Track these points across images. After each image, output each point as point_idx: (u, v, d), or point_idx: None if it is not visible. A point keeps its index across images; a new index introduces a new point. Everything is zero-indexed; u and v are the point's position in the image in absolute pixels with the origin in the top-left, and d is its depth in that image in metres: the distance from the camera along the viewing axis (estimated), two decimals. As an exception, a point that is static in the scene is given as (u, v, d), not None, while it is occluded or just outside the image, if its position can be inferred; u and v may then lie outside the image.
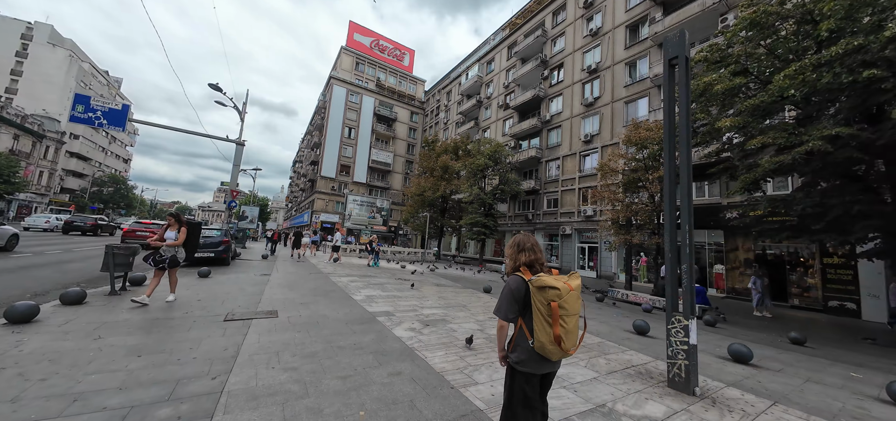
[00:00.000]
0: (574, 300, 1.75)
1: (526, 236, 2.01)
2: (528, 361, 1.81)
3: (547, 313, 1.71)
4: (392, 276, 12.70)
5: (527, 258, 1.92)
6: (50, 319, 4.44)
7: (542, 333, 1.72)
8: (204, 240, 11.71)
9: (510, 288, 1.84)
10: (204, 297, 6.47)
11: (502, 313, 1.85)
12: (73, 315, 4.72)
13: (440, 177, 28.13)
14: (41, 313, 4.55)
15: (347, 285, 9.22)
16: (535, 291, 1.76)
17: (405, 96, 54.88)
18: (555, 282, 1.74)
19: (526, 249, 1.95)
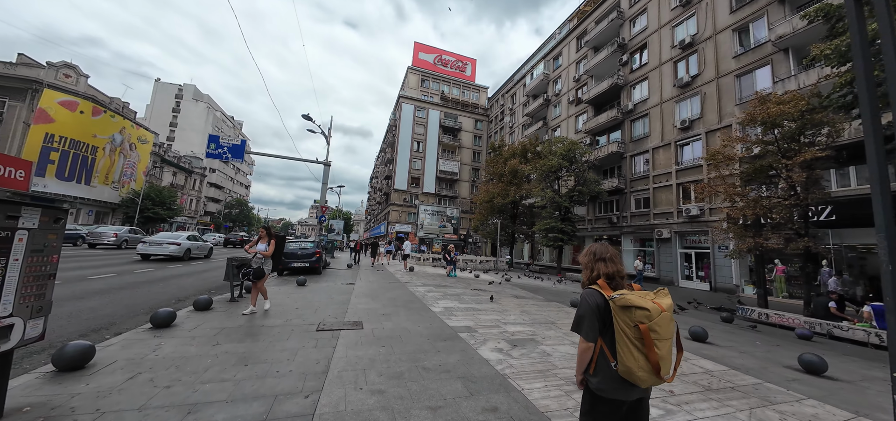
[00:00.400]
0: (667, 323, 1.53)
1: (604, 246, 1.82)
2: (612, 387, 1.61)
3: (635, 337, 1.51)
4: (467, 286, 12.32)
5: (607, 269, 1.72)
6: (184, 324, 5.12)
7: (630, 358, 1.52)
8: (301, 251, 13.07)
9: (589, 304, 1.64)
10: (301, 305, 6.95)
11: (584, 332, 1.64)
12: (201, 320, 5.39)
13: (509, 182, 27.12)
14: (177, 319, 5.29)
15: (425, 296, 9.11)
16: (619, 311, 1.55)
17: (468, 105, 55.29)
18: (642, 301, 1.52)
19: (605, 258, 1.75)
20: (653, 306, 1.51)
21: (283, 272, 12.79)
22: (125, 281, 9.01)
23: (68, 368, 3.21)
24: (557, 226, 22.44)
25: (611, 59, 26.41)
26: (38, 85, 32.73)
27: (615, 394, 1.61)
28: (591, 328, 1.62)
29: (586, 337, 1.63)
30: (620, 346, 1.54)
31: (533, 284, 15.69)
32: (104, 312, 5.91)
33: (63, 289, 7.28)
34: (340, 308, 6.84)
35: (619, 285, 1.70)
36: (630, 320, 1.52)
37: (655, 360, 1.49)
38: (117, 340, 4.24)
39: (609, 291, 1.63)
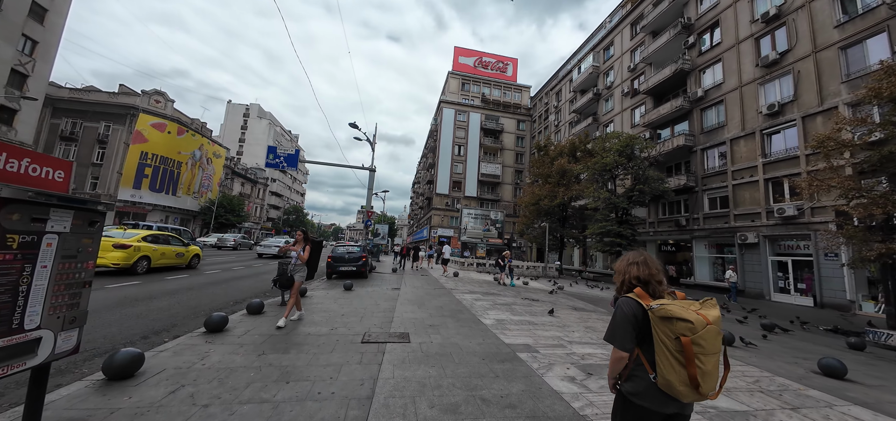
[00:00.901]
0: (713, 337, 1.42)
1: (639, 252, 1.74)
2: (647, 396, 1.52)
3: (675, 350, 1.41)
4: (517, 294, 11.43)
5: (639, 272, 1.65)
6: (235, 329, 5.06)
7: (671, 372, 1.43)
8: (348, 255, 13.24)
9: (624, 312, 1.56)
10: (347, 311, 6.73)
11: (618, 343, 1.56)
12: (252, 325, 5.33)
13: (557, 182, 25.47)
14: (230, 323, 5.27)
15: (473, 305, 8.48)
16: (658, 322, 1.45)
17: (510, 106, 53.84)
18: (684, 312, 1.41)
19: (638, 263, 1.68)
20: (697, 318, 1.41)
21: (332, 276, 13.03)
22: (229, 275, 9.67)
23: (117, 377, 3.13)
24: (614, 229, 20.41)
25: (673, 42, 23.66)
26: (135, 110, 38.32)
27: (650, 403, 1.54)
28: (626, 338, 1.55)
29: (621, 348, 1.56)
30: (660, 358, 1.46)
31: (589, 294, 14.25)
32: (193, 304, 6.19)
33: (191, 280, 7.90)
34: (386, 316, 6.49)
35: (658, 293, 1.62)
36: (671, 332, 1.43)
37: (693, 374, 1.40)
38: (171, 345, 4.23)
39: (648, 300, 1.55)
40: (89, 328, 4.96)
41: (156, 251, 11.08)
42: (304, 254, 5.68)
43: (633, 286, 1.64)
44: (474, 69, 54.21)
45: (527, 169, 49.38)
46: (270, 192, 74.62)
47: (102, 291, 7.38)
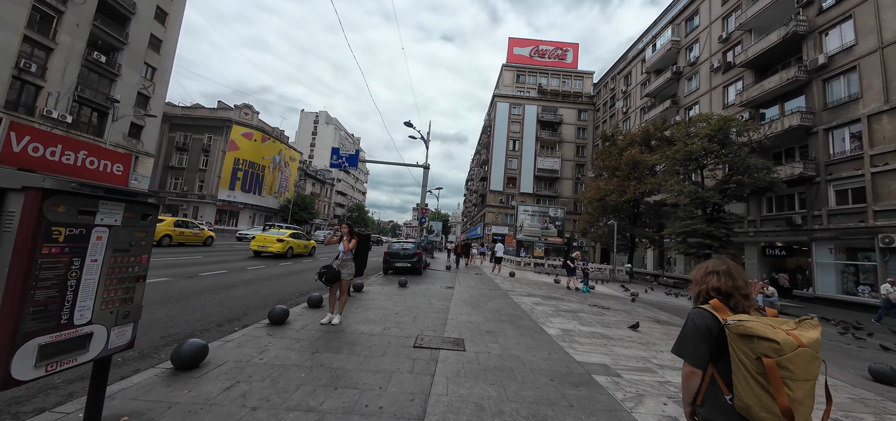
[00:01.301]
0: (806, 361, 1.21)
1: (721, 260, 1.58)
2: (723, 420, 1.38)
3: (756, 371, 1.26)
4: (582, 300, 10.27)
5: (718, 283, 1.48)
6: (295, 323, 5.15)
7: (749, 395, 1.27)
8: (403, 251, 13.36)
9: (696, 324, 1.44)
10: (400, 310, 6.56)
11: (690, 357, 1.44)
12: (310, 319, 5.40)
13: (626, 175, 22.78)
14: (291, 316, 5.40)
15: (532, 309, 7.72)
16: (737, 339, 1.30)
17: (570, 95, 50.21)
18: (769, 331, 1.24)
19: (719, 271, 1.51)
20: (785, 339, 1.21)
21: (388, 271, 13.26)
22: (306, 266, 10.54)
23: (184, 368, 3.22)
24: (701, 228, 17.46)
25: (782, 1, 19.37)
26: (229, 122, 44.49)
27: None
28: (697, 353, 1.42)
29: (693, 362, 1.43)
30: (737, 377, 1.31)
31: (670, 303, 12.30)
32: (266, 294, 6.67)
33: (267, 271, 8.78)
34: (439, 318, 6.14)
35: (741, 308, 1.44)
36: (751, 352, 1.27)
37: (785, 404, 1.21)
38: (238, 335, 4.38)
39: (726, 314, 1.41)
40: (175, 314, 5.49)
41: (298, 244, 16.53)
42: (348, 244, 5.24)
43: (709, 298, 1.51)
44: (530, 59, 51.73)
45: (589, 162, 45.58)
46: (336, 191, 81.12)
47: (196, 280, 8.34)
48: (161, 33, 29.78)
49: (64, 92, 22.82)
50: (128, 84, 27.19)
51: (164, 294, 6.65)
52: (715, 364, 1.42)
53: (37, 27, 21.04)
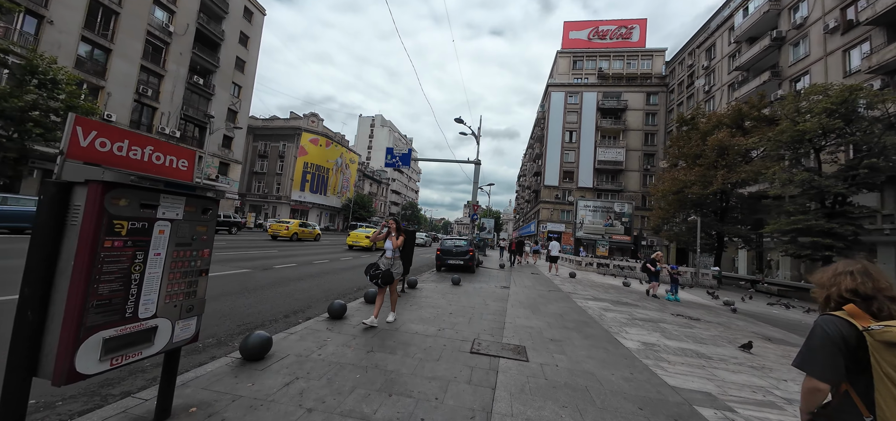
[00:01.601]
0: None
1: (851, 260, 1.39)
2: None
3: None
4: (662, 308, 8.92)
5: (855, 283, 1.28)
6: (352, 318, 5.17)
7: None
8: (456, 249, 13.15)
9: (826, 332, 1.24)
10: (455, 310, 6.29)
11: (817, 371, 1.25)
12: (367, 314, 5.39)
13: (712, 163, 19.59)
14: (349, 311, 5.45)
15: (602, 316, 6.84)
16: (882, 349, 1.13)
17: (636, 78, 45.31)
18: None
19: (852, 271, 1.31)
20: None
21: (441, 269, 13.16)
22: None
23: (251, 359, 3.31)
24: (819, 224, 14.20)
25: (948, -75, 14.78)
26: (299, 130, 49.11)
27: None
28: (829, 366, 1.23)
29: (821, 377, 1.24)
30: (882, 395, 1.12)
31: (778, 316, 10.14)
32: (327, 288, 7.02)
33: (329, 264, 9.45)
34: (496, 321, 5.70)
35: (887, 311, 1.22)
36: None
37: None
38: (299, 328, 4.49)
39: (865, 320, 1.21)
40: (252, 303, 5.91)
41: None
42: (397, 241, 4.98)
43: (843, 302, 1.30)
44: (588, 43, 47.85)
45: (663, 150, 40.65)
46: (391, 190, 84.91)
47: (271, 272, 9.09)
48: (244, 55, 33.94)
49: (173, 112, 27.25)
50: (220, 101, 31.52)
51: (244, 284, 7.30)
52: (851, 380, 1.25)
53: (150, 57, 25.41)
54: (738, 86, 28.77)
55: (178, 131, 27.68)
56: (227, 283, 7.23)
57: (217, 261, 9.87)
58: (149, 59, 25.40)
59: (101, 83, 23.00)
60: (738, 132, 19.68)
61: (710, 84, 32.94)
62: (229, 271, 8.56)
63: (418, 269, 13.94)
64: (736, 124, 20.36)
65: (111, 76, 23.31)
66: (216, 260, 9.95)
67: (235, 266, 9.44)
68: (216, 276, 7.76)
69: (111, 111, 23.38)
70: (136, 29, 24.37)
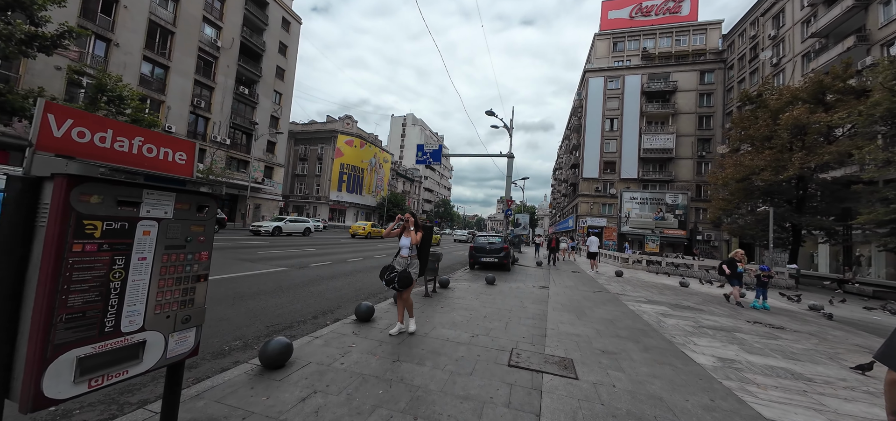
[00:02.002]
0: None
1: None
2: None
3: None
4: (734, 314, 7.72)
5: None
6: (380, 321, 4.90)
7: None
8: (489, 246, 12.60)
9: None
10: (490, 312, 5.81)
11: None
12: (396, 318, 5.10)
13: (785, 145, 17.00)
14: (376, 313, 5.20)
15: (660, 323, 5.97)
16: None
17: (688, 55, 41.13)
18: None
19: None
20: None
21: (474, 267, 12.70)
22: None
23: (270, 367, 3.12)
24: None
25: None
26: (335, 133, 51.04)
27: None
28: None
29: None
30: None
31: (882, 324, 8.36)
32: (358, 287, 6.93)
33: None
34: (536, 327, 5.13)
35: None
36: None
37: None
38: (325, 332, 4.29)
39: None
40: (283, 303, 5.89)
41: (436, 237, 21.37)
42: (416, 236, 4.44)
43: None
44: (630, 21, 44.30)
45: (721, 134, 36.58)
46: (424, 188, 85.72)
47: (306, 271, 9.24)
48: (283, 64, 35.81)
49: (223, 121, 29.42)
50: (263, 109, 33.56)
51: (279, 283, 7.40)
52: None
53: (202, 72, 27.58)
54: (814, 56, 24.87)
55: (228, 139, 29.85)
56: (264, 282, 7.36)
57: (257, 259, 10.27)
58: (201, 73, 27.60)
59: (162, 98, 25.36)
60: (818, 108, 16.85)
61: (778, 55, 28.85)
62: (267, 270, 8.80)
63: (450, 267, 13.59)
64: (814, 99, 17.46)
65: (170, 91, 25.62)
66: (257, 259, 10.36)
67: (274, 264, 9.73)
68: (252, 275, 7.98)
69: (171, 123, 25.73)
70: (189, 46, 26.54)
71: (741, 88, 33.91)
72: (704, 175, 38.14)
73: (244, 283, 7.07)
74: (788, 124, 16.61)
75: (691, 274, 15.44)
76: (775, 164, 17.00)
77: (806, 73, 24.58)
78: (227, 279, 7.26)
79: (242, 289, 6.53)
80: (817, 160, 15.82)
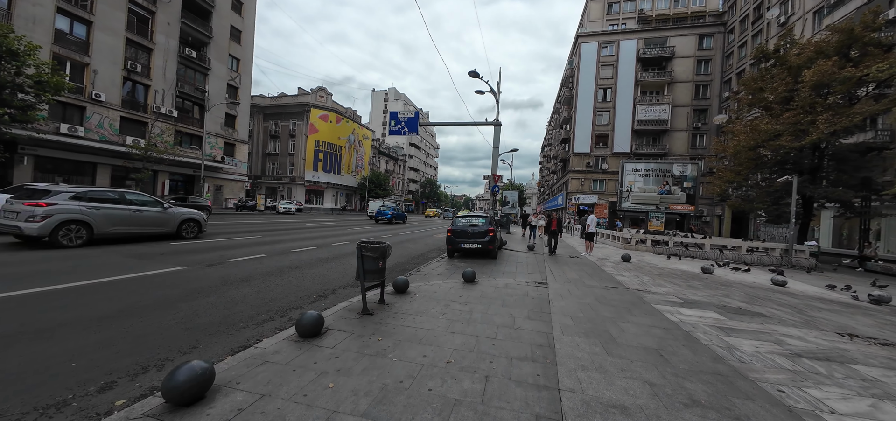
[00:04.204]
0: None
1: None
2: None
3: None
4: (797, 312, 5.58)
5: None
6: (326, 341, 2.39)
7: None
8: (471, 229, 10.21)
9: None
10: (460, 346, 3.39)
11: None
12: (346, 334, 2.61)
13: (808, 106, 14.96)
14: (325, 324, 2.68)
15: (734, 353, 3.70)
16: None
17: (686, 18, 38.64)
18: None
19: None
20: None
21: (454, 254, 10.33)
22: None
23: (182, 404, 1.93)
24: None
25: None
26: (308, 107, 46.82)
27: None
28: None
29: None
30: None
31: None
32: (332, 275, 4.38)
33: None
34: (540, 374, 2.78)
35: None
36: None
37: None
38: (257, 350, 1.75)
39: None
40: (239, 299, 3.28)
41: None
42: None
43: None
44: (627, -18, 41.14)
45: (718, 104, 34.77)
46: (409, 167, 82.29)
47: (290, 256, 6.58)
48: (239, 24, 31.37)
49: (167, 89, 25.41)
50: (218, 76, 29.44)
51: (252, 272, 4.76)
52: None
53: (136, 29, 23.34)
54: (828, 10, 22.75)
55: (176, 110, 25.96)
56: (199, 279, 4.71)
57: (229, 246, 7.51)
58: (134, 31, 23.36)
59: (86, 60, 21.28)
60: (848, 63, 14.76)
61: (786, 13, 26.64)
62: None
63: (426, 255, 11.16)
64: (840, 53, 15.35)
65: (95, 52, 21.51)
66: (231, 246, 7.59)
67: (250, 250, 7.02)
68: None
69: (99, 90, 21.76)
70: (116, -3, 22.21)
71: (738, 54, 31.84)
72: (699, 148, 36.54)
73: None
74: (813, 82, 14.47)
75: (704, 255, 13.52)
76: (794, 129, 14.98)
77: (817, 31, 22.51)
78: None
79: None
80: (846, 122, 13.85)
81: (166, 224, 9.69)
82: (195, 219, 10.46)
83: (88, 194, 8.23)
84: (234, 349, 3.14)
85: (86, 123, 21.33)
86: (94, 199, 8.22)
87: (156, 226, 9.44)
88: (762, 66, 18.12)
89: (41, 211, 7.29)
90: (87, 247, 7.90)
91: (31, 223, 7.19)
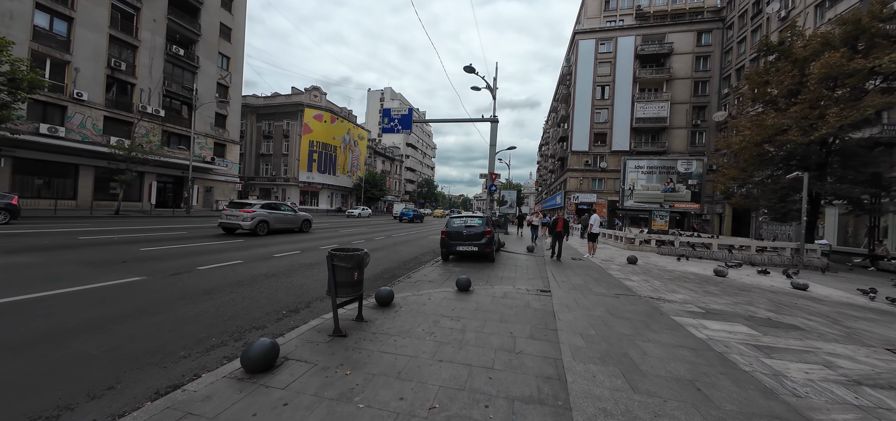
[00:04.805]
0: None
1: None
2: None
3: None
4: (832, 323, 4.95)
5: None
6: (279, 376, 1.71)
7: None
8: (466, 230, 9.55)
9: None
10: (447, 380, 2.73)
11: None
12: (309, 367, 1.92)
13: (814, 101, 14.41)
14: (280, 355, 2.00)
15: (777, 375, 3.06)
16: None
17: (685, 14, 38.21)
18: None
19: None
20: None
21: (449, 257, 9.67)
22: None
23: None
24: None
25: None
26: (301, 106, 46.00)
27: None
28: None
29: None
30: None
31: None
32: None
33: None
34: (549, 408, 2.16)
35: None
36: None
37: None
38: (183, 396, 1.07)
39: None
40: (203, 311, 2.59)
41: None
42: None
43: None
44: (624, -22, 40.66)
45: (717, 101, 34.34)
46: (406, 167, 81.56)
47: (270, 262, 5.87)
48: (230, 21, 30.56)
49: (154, 87, 24.58)
50: (207, 75, 28.62)
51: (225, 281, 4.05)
52: None
53: (120, 26, 22.52)
54: (831, 3, 22.30)
55: (162, 110, 25.13)
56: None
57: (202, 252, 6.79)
58: (118, 27, 22.53)
59: (67, 57, 20.44)
60: (857, 54, 14.24)
61: (787, 7, 26.19)
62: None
63: (419, 258, 10.49)
64: (849, 43, 14.84)
65: (77, 49, 20.67)
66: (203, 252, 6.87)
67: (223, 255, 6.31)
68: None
69: (82, 89, 20.92)
70: (98, -8, 21.39)
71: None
72: (699, 145, 36.10)
73: None
74: (821, 75, 13.93)
75: (711, 256, 12.94)
76: (801, 124, 14.43)
77: (820, 24, 22.05)
78: None
79: None
80: (857, 116, 13.30)
81: (296, 222, 14.94)
82: (309, 219, 16.10)
83: (267, 205, 13.57)
84: (158, 391, 2.46)
85: (67, 123, 20.49)
86: (269, 208, 13.48)
87: (293, 223, 14.70)
88: (766, 59, 17.58)
89: (249, 215, 12.38)
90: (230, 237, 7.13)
91: (244, 223, 12.24)
